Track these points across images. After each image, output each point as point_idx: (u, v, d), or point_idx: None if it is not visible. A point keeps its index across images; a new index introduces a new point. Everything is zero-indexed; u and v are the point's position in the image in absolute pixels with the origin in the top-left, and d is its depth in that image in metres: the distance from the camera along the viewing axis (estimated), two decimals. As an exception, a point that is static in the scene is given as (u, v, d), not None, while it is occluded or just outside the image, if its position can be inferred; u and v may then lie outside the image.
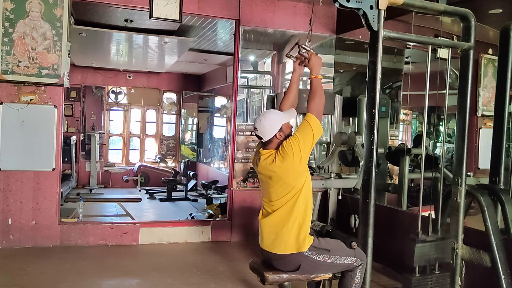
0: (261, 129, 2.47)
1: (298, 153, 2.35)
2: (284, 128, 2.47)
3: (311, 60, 2.56)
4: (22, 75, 4.35)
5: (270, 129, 2.45)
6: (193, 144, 10.75)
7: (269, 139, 2.46)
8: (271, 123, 2.45)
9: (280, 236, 2.43)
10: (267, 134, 2.46)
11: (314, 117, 2.41)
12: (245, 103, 7.16)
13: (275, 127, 2.45)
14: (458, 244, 2.84)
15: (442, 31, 3.22)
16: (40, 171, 4.46)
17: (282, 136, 2.45)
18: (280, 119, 2.47)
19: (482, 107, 4.72)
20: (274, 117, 2.48)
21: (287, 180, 2.41)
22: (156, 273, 3.86)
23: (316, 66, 2.55)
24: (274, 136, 2.45)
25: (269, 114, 2.52)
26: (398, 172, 4.41)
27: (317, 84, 2.51)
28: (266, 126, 2.45)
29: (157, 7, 4.63)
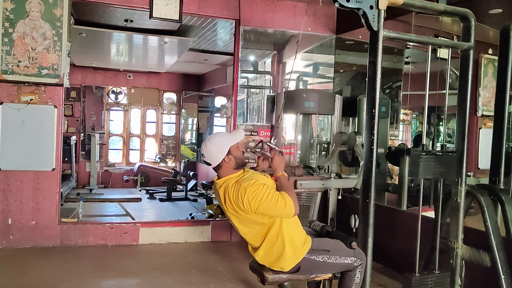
0: (208, 155, 2.36)
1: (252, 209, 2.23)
2: (233, 150, 2.36)
3: (274, 160, 2.51)
4: (22, 75, 4.35)
5: (218, 153, 2.34)
6: (193, 144, 10.75)
7: (218, 164, 2.36)
8: (217, 147, 2.35)
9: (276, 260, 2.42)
10: (215, 159, 2.35)
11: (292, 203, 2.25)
12: (245, 103, 7.15)
13: (222, 152, 2.34)
14: (458, 244, 2.84)
15: (442, 31, 3.22)
16: (40, 171, 4.46)
17: (231, 160, 2.35)
18: (226, 142, 2.37)
19: (482, 107, 4.72)
20: (220, 140, 2.38)
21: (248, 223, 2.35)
22: (156, 273, 3.86)
23: (279, 165, 2.49)
24: (222, 160, 2.35)
25: (214, 138, 2.41)
26: (398, 172, 4.41)
27: (284, 181, 2.43)
28: (213, 151, 2.35)
29: (157, 7, 4.63)
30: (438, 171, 2.81)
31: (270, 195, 2.23)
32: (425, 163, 2.76)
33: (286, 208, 2.24)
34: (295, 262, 2.42)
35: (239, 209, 2.28)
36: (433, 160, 2.78)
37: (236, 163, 2.38)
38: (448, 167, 2.83)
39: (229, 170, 2.38)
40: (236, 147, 2.39)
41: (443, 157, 2.82)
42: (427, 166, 2.77)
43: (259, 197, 2.22)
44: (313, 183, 3.65)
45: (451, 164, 2.82)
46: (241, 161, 2.41)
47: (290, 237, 2.39)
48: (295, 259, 2.41)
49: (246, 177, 2.33)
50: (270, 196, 2.23)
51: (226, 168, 2.37)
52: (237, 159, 2.38)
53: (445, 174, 2.85)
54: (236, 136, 2.44)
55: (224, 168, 2.38)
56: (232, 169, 2.38)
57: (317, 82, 6.33)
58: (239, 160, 2.39)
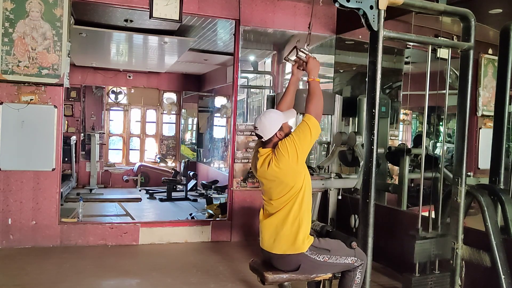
0: (262, 128, 2.46)
1: (294, 153, 2.35)
2: (284, 127, 2.47)
3: (309, 64, 2.58)
4: (22, 75, 4.35)
5: (271, 128, 2.44)
6: (193, 144, 10.75)
7: (269, 138, 2.46)
8: (271, 122, 2.45)
9: (280, 236, 2.44)
10: (268, 133, 2.45)
11: (312, 118, 2.40)
12: (245, 103, 7.16)
13: (275, 126, 2.44)
14: (458, 244, 2.84)
15: (442, 31, 3.22)
16: (40, 171, 4.46)
17: (282, 135, 2.45)
18: (280, 118, 2.47)
19: (482, 107, 4.72)
20: (274, 116, 2.48)
21: (285, 180, 2.41)
22: (156, 273, 3.86)
23: (314, 69, 2.56)
24: (274, 135, 2.45)
25: (269, 113, 2.52)
26: (398, 172, 4.41)
27: (315, 86, 2.51)
28: (266, 125, 2.45)
29: (157, 7, 4.63)
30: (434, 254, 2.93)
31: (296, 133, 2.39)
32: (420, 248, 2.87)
33: (311, 128, 2.38)
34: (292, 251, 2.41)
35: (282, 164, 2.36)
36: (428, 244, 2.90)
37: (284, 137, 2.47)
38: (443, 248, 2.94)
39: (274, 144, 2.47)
40: (287, 125, 2.49)
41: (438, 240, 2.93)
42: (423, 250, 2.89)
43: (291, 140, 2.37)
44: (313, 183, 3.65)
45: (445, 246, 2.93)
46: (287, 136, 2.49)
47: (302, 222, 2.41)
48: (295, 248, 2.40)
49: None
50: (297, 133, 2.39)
51: (275, 141, 2.47)
52: (285, 135, 2.47)
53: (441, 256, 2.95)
54: (289, 115, 2.54)
55: (274, 142, 2.47)
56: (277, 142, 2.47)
57: (317, 82, 6.33)
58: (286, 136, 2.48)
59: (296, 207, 2.41)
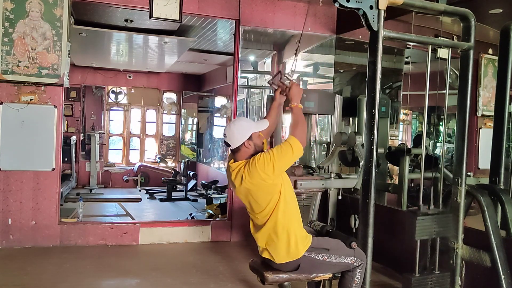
0: (230, 136, 2.39)
1: (270, 172, 2.27)
2: (254, 137, 2.40)
3: (291, 90, 2.53)
4: (22, 75, 4.35)
5: (239, 136, 2.37)
6: (193, 144, 10.75)
7: (237, 147, 2.39)
8: (240, 130, 2.38)
9: (272, 247, 2.43)
10: (235, 141, 2.38)
11: (297, 141, 2.31)
12: (245, 103, 7.16)
13: (244, 135, 2.37)
14: (458, 244, 2.84)
15: (442, 31, 3.22)
16: (40, 171, 4.46)
17: (250, 146, 2.38)
18: (250, 127, 2.41)
19: (482, 107, 4.72)
20: (244, 124, 2.42)
21: (260, 195, 2.37)
22: (156, 273, 3.86)
23: (296, 95, 2.51)
24: (242, 144, 2.38)
25: (239, 121, 2.47)
26: (398, 172, 4.41)
27: (298, 113, 2.46)
28: (235, 133, 2.38)
29: (157, 7, 4.63)
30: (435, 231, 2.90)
31: (275, 150, 2.31)
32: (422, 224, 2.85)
33: (294, 149, 2.30)
34: (291, 258, 2.41)
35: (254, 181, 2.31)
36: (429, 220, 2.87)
37: (255, 150, 2.42)
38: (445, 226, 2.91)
39: (246, 155, 2.41)
40: (258, 135, 2.43)
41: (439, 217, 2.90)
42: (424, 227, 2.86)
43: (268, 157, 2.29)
44: (313, 183, 3.66)
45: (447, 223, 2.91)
46: (260, 149, 2.44)
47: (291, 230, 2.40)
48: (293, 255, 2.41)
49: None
50: (276, 150, 2.31)
51: (244, 152, 2.41)
52: (256, 147, 2.42)
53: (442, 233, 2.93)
54: (260, 125, 2.48)
55: (242, 152, 2.41)
56: (249, 155, 2.41)
57: (317, 82, 6.34)
58: (258, 148, 2.43)
59: (280, 217, 2.37)
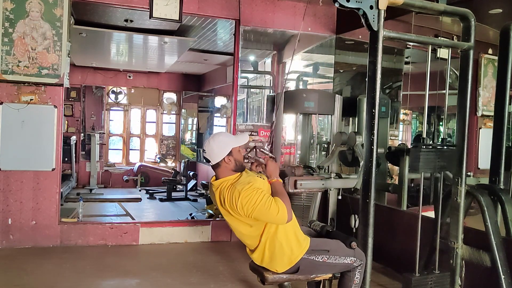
0: (209, 152, 2.36)
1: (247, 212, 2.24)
2: (234, 153, 2.38)
3: (268, 167, 2.51)
4: (22, 75, 4.35)
5: (219, 152, 2.35)
6: (193, 144, 10.75)
7: (217, 163, 2.36)
8: (220, 146, 2.35)
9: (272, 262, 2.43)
10: (215, 157, 2.35)
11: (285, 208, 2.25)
12: (245, 103, 7.15)
13: (224, 150, 2.35)
14: (458, 244, 2.84)
15: (442, 31, 3.22)
16: (40, 171, 4.46)
17: (231, 161, 2.36)
18: (230, 142, 2.38)
19: (482, 107, 4.71)
20: (224, 139, 2.40)
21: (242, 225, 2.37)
22: (156, 273, 3.86)
23: (273, 171, 2.49)
24: (222, 160, 2.35)
25: (218, 136, 2.44)
26: (398, 172, 4.41)
27: (278, 187, 2.43)
28: (214, 149, 2.35)
29: (157, 7, 4.64)
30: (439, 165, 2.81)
31: (263, 200, 2.23)
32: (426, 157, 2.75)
33: (278, 214, 2.24)
34: (292, 264, 2.42)
35: (233, 211, 2.30)
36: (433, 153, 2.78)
37: (235, 165, 2.39)
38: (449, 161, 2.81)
39: (227, 171, 2.38)
40: (238, 150, 2.40)
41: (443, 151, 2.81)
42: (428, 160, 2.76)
43: (252, 201, 2.22)
44: (313, 183, 3.66)
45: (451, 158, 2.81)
46: (240, 164, 2.41)
47: (287, 238, 2.39)
48: (292, 261, 2.42)
49: (241, 180, 2.33)
50: (263, 201, 2.23)
51: (224, 168, 2.38)
52: (236, 162, 2.39)
53: (445, 168, 2.85)
54: (240, 140, 2.44)
55: (223, 168, 2.38)
56: (230, 171, 2.39)
57: (317, 82, 6.34)
58: (239, 163, 2.40)
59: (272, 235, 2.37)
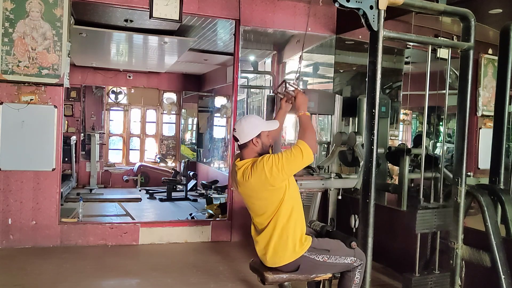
0: (239, 131, 2.41)
1: (276, 173, 2.27)
2: (263, 136, 2.42)
3: (297, 99, 2.57)
4: (22, 75, 4.35)
5: (249, 132, 2.39)
6: (193, 144, 10.75)
7: (245, 143, 2.41)
8: (250, 127, 2.40)
9: (275, 251, 2.43)
10: (244, 136, 2.40)
11: (307, 146, 2.32)
12: (245, 103, 7.16)
13: (253, 132, 2.39)
14: (458, 244, 2.84)
15: (442, 31, 3.22)
16: (40, 171, 4.46)
17: (258, 144, 2.40)
18: (260, 125, 2.43)
19: (482, 107, 4.71)
20: (255, 121, 2.45)
21: (263, 196, 2.38)
22: (156, 273, 3.86)
23: (303, 104, 2.55)
24: (250, 140, 2.39)
25: (251, 117, 2.49)
26: (398, 172, 4.41)
27: (306, 121, 2.49)
28: (245, 129, 2.40)
29: (157, 7, 4.63)
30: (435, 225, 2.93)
31: (284, 154, 2.31)
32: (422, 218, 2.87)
33: (304, 153, 2.30)
34: (291, 259, 2.41)
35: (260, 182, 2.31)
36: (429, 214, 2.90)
37: (262, 148, 2.44)
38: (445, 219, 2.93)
39: (252, 153, 2.43)
40: (267, 134, 2.45)
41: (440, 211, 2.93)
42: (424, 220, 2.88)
43: (277, 159, 2.29)
44: (313, 183, 3.66)
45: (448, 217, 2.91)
46: (266, 149, 2.47)
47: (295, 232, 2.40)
48: (292, 256, 2.41)
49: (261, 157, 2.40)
50: (285, 154, 2.31)
51: (251, 149, 2.43)
52: (263, 145, 2.44)
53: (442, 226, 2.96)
54: (271, 125, 2.50)
55: (249, 149, 2.43)
56: (256, 153, 2.43)
57: (317, 82, 6.34)
58: (265, 147, 2.45)
59: (282, 220, 2.38)
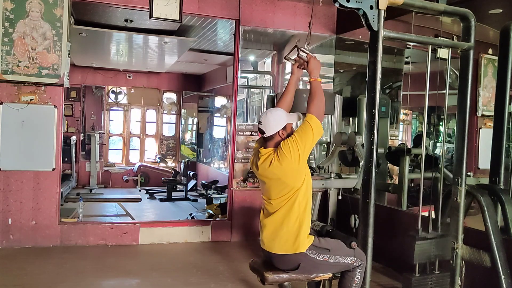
0: (266, 124, 2.45)
1: (296, 153, 2.35)
2: (288, 127, 2.47)
3: (310, 63, 2.56)
4: (22, 75, 4.35)
5: (275, 124, 2.43)
6: (193, 144, 10.75)
7: (271, 135, 2.45)
8: (276, 119, 2.44)
9: (280, 236, 2.43)
10: (271, 129, 2.44)
11: (314, 118, 2.40)
12: (245, 103, 7.16)
13: (280, 124, 2.44)
14: (458, 244, 2.84)
15: (442, 31, 3.22)
16: (40, 171, 4.46)
17: (284, 135, 2.45)
18: (285, 117, 2.48)
19: (482, 107, 4.71)
20: (280, 114, 2.48)
21: (285, 180, 2.40)
22: (156, 273, 3.86)
23: (315, 69, 2.55)
24: (277, 132, 2.44)
25: (276, 110, 2.52)
26: (398, 172, 4.41)
27: (316, 86, 2.50)
28: (271, 121, 2.44)
29: (157, 7, 4.64)
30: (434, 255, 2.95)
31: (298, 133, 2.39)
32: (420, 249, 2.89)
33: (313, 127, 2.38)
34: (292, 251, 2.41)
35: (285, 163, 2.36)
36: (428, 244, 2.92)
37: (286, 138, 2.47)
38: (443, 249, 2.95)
39: (276, 144, 2.46)
40: (290, 125, 2.49)
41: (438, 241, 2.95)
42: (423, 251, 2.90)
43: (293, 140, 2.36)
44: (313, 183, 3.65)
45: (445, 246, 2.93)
46: None
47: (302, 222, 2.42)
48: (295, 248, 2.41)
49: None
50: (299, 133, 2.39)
51: (276, 140, 2.46)
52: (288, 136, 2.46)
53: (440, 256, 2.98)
54: (293, 118, 2.53)
55: (275, 140, 2.46)
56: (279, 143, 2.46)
57: (317, 82, 6.32)
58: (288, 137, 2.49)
59: (296, 207, 2.41)
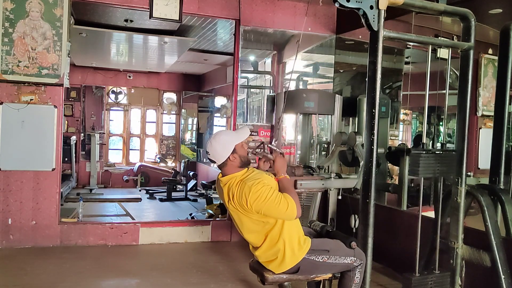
0: (213, 153, 2.37)
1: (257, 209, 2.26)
2: (238, 149, 2.38)
3: (276, 162, 2.52)
4: (22, 75, 4.35)
5: (223, 152, 2.35)
6: (193, 144, 10.75)
7: (223, 162, 2.37)
8: (223, 146, 2.36)
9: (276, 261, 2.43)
10: (220, 157, 2.36)
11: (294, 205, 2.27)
12: (245, 103, 7.15)
13: (227, 149, 2.35)
14: (458, 244, 2.84)
15: (442, 31, 3.22)
16: (40, 171, 4.46)
17: (236, 158, 2.36)
18: (232, 140, 2.38)
19: (482, 107, 4.71)
20: (225, 138, 2.39)
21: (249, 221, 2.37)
22: (156, 273, 3.86)
23: (281, 168, 2.50)
24: (227, 158, 2.36)
25: (219, 136, 2.42)
26: (398, 172, 4.40)
27: (286, 184, 2.44)
28: (218, 150, 2.36)
29: (157, 7, 4.63)
30: (439, 170, 2.82)
31: (273, 196, 2.25)
32: (425, 162, 2.76)
33: (288, 210, 2.26)
34: (293, 264, 2.42)
35: (242, 208, 2.30)
36: (433, 159, 2.79)
37: (241, 161, 2.40)
38: (449, 166, 2.83)
39: (233, 168, 2.39)
40: (241, 145, 2.40)
41: (443, 156, 2.82)
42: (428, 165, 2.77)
43: (263, 197, 2.24)
44: (313, 183, 3.65)
45: (451, 163, 2.82)
46: (245, 160, 2.42)
47: (291, 238, 2.40)
48: (293, 261, 2.42)
49: (251, 177, 2.35)
50: (273, 197, 2.25)
51: (231, 166, 2.39)
52: (241, 158, 2.40)
53: (445, 172, 2.85)
54: (242, 135, 2.45)
55: (229, 166, 2.39)
56: (237, 167, 2.40)
57: (317, 82, 6.33)
58: (244, 159, 2.41)
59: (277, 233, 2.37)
